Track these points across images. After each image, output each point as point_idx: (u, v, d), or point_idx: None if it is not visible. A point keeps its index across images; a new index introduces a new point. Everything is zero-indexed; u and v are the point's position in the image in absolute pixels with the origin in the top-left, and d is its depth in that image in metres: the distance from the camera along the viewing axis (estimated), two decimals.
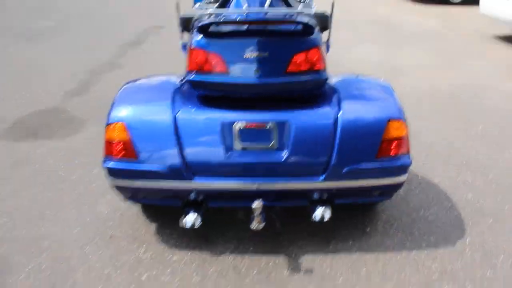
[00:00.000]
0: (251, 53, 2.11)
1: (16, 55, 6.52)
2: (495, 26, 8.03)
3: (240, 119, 2.16)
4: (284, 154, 2.18)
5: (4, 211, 2.79)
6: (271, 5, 2.46)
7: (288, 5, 2.75)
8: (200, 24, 2.17)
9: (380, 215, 2.74)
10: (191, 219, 2.21)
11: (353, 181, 2.21)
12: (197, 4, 3.21)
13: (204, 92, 2.28)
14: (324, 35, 2.64)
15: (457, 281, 2.23)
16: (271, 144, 2.18)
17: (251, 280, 2.24)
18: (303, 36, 2.22)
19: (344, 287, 2.19)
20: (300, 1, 3.15)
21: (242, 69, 2.14)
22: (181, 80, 2.48)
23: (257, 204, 2.14)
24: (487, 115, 4.31)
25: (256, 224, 2.19)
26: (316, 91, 2.33)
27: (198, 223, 2.21)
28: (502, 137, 3.84)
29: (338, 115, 2.20)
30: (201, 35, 2.19)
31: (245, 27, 2.21)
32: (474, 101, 4.68)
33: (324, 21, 2.62)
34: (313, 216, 2.23)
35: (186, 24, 2.61)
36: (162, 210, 2.75)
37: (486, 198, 2.92)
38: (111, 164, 2.22)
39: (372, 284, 2.21)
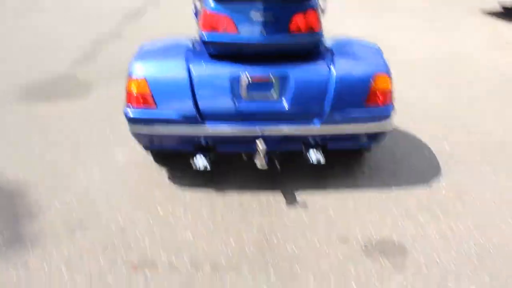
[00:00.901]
0: (257, 15, 2.40)
1: (23, 27, 6.71)
2: (483, 2, 8.31)
3: (247, 73, 2.46)
4: (285, 103, 2.49)
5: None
6: None
7: None
8: None
9: (367, 162, 3.09)
10: (202, 161, 2.54)
11: (345, 125, 2.54)
12: None
13: (216, 50, 2.56)
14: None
15: (432, 212, 2.59)
16: (273, 95, 2.49)
17: (254, 213, 2.58)
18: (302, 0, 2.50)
19: (335, 217, 2.54)
20: None
21: (250, 30, 2.43)
22: (194, 41, 2.77)
23: (260, 142, 2.46)
24: (471, 81, 4.67)
25: (260, 162, 2.52)
26: (313, 49, 2.63)
27: (208, 165, 2.54)
28: (481, 100, 4.19)
29: (332, 69, 2.51)
30: (213, 1, 2.47)
31: None
32: (460, 69, 5.02)
33: None
34: (310, 160, 2.56)
35: None
36: (172, 159, 3.08)
37: (462, 149, 3.28)
38: (132, 113, 2.52)
39: (359, 214, 2.57)
